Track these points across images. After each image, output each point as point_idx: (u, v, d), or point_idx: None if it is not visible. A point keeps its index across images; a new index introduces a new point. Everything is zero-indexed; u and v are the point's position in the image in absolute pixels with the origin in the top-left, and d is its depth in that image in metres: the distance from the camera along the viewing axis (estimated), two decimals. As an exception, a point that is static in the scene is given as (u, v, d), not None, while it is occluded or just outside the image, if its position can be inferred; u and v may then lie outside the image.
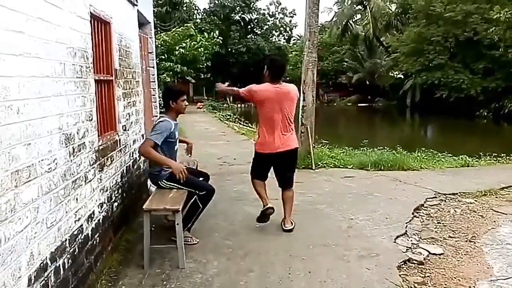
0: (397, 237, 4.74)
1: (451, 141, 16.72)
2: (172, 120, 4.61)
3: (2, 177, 2.24)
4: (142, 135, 5.89)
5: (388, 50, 39.55)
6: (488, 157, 9.73)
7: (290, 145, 4.90)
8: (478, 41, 26.66)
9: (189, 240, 4.49)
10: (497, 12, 23.12)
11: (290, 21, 43.38)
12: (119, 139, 4.69)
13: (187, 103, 4.80)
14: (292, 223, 4.99)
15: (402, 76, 37.36)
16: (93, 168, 3.73)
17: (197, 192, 4.49)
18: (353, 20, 43.67)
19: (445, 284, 3.72)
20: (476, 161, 9.40)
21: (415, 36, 30.74)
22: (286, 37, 45.05)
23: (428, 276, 3.87)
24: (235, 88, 5.18)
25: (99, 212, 3.87)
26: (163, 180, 4.54)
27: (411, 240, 4.70)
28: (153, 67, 7.43)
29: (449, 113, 25.88)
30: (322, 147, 10.01)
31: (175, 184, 4.47)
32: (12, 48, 2.39)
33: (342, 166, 8.61)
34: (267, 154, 4.92)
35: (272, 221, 5.26)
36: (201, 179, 4.88)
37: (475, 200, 6.16)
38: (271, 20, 41.87)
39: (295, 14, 43.28)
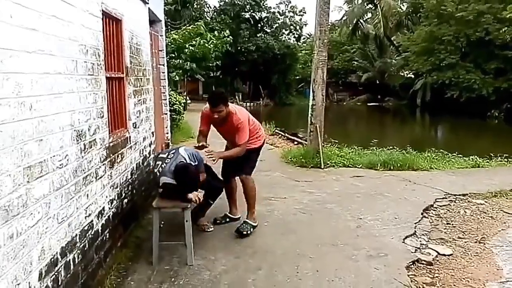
0: (406, 237, 4.72)
1: (462, 141, 16.57)
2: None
3: (14, 172, 2.27)
4: (152, 133, 5.92)
5: (399, 49, 39.25)
6: (499, 158, 9.64)
7: None
8: (490, 41, 26.32)
9: (206, 229, 4.82)
10: (510, 11, 22.84)
11: (300, 19, 43.15)
12: (130, 136, 4.72)
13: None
14: None
15: (413, 76, 37.03)
16: (103, 164, 3.76)
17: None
18: (364, 19, 43.35)
19: (454, 285, 3.70)
20: (487, 162, 9.31)
21: (426, 35, 30.43)
22: (296, 36, 44.86)
23: (437, 277, 3.85)
24: (234, 149, 4.78)
25: (109, 208, 3.90)
26: None
27: (420, 241, 4.68)
28: (164, 65, 7.47)
29: (460, 113, 25.61)
30: (331, 146, 9.97)
31: None
32: (26, 45, 2.42)
33: (351, 166, 8.57)
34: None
35: (280, 220, 5.27)
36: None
37: (485, 201, 6.11)
38: (281, 19, 41.69)
39: (305, 13, 43.00)
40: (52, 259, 2.71)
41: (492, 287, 3.66)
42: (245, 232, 4.71)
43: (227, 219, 5.13)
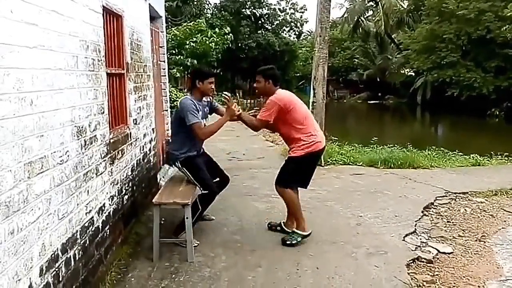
0: (406, 235, 4.72)
1: (462, 139, 16.56)
2: (196, 100, 4.44)
3: (15, 168, 2.26)
4: (153, 129, 5.91)
5: (400, 47, 39.17)
6: (500, 156, 9.62)
7: None
8: (491, 39, 26.27)
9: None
10: (511, 10, 22.81)
11: (301, 16, 43.31)
12: (130, 133, 4.71)
13: (213, 87, 4.52)
14: None
15: (413, 74, 37.03)
16: (104, 161, 3.75)
17: (200, 189, 4.49)
18: (365, 16, 43.32)
19: (454, 283, 3.70)
20: (487, 160, 9.31)
21: (427, 33, 30.36)
22: (297, 33, 44.92)
23: (437, 275, 3.85)
24: (252, 119, 4.56)
25: (109, 204, 3.90)
26: (178, 161, 4.53)
27: (420, 239, 4.68)
28: (164, 61, 7.45)
29: (460, 112, 25.61)
30: (332, 143, 9.97)
31: (186, 170, 4.51)
32: (26, 40, 2.41)
33: (351, 163, 8.58)
34: (322, 149, 4.53)
35: (280, 218, 5.26)
36: (217, 179, 4.74)
37: (486, 199, 6.11)
38: (282, 16, 41.79)
39: (306, 10, 43.37)
40: (53, 255, 2.70)
41: (492, 285, 3.66)
42: (288, 242, 4.37)
43: (278, 228, 4.79)
